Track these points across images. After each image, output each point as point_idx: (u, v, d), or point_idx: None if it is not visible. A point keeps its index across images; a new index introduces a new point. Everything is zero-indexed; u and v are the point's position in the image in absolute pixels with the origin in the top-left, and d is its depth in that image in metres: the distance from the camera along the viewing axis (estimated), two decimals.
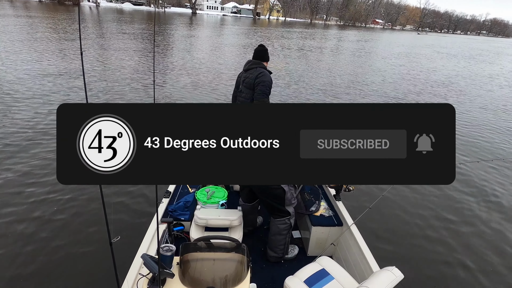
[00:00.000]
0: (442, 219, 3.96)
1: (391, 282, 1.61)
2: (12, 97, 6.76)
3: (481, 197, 4.59)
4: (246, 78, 2.87)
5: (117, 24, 27.19)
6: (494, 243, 3.59)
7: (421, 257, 3.25)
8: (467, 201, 4.43)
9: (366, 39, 38.41)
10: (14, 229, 3.06)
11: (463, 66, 20.64)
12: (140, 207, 3.55)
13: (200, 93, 8.64)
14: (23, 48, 12.30)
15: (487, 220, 4.04)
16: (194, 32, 27.77)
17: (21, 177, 3.92)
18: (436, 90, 11.99)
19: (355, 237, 2.39)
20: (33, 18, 25.29)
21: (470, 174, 5.19)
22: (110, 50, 13.87)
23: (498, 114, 9.28)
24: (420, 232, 3.65)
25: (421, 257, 3.25)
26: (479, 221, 4.00)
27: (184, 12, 69.58)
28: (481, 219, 4.04)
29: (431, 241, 3.53)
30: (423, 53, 26.82)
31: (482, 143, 6.70)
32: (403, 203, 4.21)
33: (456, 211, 4.17)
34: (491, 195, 4.65)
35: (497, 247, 3.52)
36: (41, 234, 3.03)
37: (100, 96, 7.53)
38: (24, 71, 8.91)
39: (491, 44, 58.39)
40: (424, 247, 3.42)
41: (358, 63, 17.37)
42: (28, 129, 5.28)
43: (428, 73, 15.87)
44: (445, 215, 4.05)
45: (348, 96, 9.97)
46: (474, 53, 32.69)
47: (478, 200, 4.48)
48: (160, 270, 1.47)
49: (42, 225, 3.14)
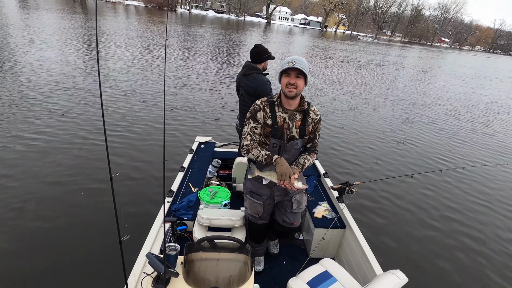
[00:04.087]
0: (448, 222, 3.95)
1: (395, 286, 1.61)
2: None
3: (498, 203, 4.56)
4: (245, 85, 2.94)
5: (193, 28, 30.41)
6: (502, 247, 3.58)
7: (426, 260, 3.24)
8: (474, 205, 4.42)
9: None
10: (24, 227, 3.07)
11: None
12: (143, 206, 3.56)
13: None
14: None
15: (497, 224, 4.02)
16: (267, 38, 31.40)
17: (32, 177, 3.93)
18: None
19: (358, 239, 2.38)
20: (133, 19, 30.51)
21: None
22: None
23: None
24: (424, 235, 3.64)
25: (426, 260, 3.24)
26: (487, 225, 3.99)
27: (260, 21, 77.13)
28: (491, 223, 4.02)
29: (436, 244, 3.52)
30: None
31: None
32: (407, 206, 4.20)
33: (462, 214, 4.16)
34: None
35: (505, 252, 3.51)
36: (51, 232, 3.04)
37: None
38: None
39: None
40: (429, 250, 3.41)
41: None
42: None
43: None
44: (451, 218, 4.04)
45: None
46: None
47: (493, 206, 4.46)
48: (165, 269, 1.47)
49: (52, 224, 3.15)
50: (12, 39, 12.33)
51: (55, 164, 4.23)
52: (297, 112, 1.89)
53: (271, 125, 1.87)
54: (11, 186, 3.67)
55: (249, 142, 1.91)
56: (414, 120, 8.63)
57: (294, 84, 1.77)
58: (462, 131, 8.24)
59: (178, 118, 6.48)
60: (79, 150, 4.67)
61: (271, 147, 1.90)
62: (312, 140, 1.99)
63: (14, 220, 3.14)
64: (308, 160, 1.96)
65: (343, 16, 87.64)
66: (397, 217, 3.95)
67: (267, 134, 1.90)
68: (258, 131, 1.91)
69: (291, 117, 1.88)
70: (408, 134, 7.31)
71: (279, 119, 1.87)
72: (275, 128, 1.87)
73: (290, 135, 1.89)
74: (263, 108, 1.88)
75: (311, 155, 2.00)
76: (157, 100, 7.34)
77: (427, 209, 4.20)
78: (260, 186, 2.06)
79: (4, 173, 3.88)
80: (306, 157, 1.97)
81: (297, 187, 1.77)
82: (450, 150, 6.57)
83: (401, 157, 5.88)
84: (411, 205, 4.23)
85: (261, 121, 1.89)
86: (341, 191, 2.90)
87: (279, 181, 1.78)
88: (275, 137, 1.88)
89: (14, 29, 15.06)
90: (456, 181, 5.09)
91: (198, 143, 3.88)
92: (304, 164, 1.93)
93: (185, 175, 3.17)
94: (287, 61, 1.80)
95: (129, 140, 5.17)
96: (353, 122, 7.67)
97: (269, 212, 2.23)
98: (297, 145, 1.93)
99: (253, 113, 1.90)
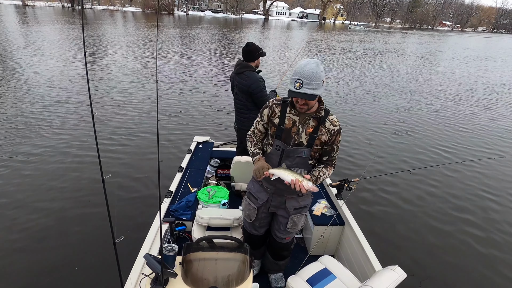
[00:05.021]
0: (447, 217, 3.95)
1: (394, 281, 1.61)
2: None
3: (497, 196, 4.56)
4: (239, 83, 2.96)
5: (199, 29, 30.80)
6: (503, 243, 3.58)
7: (424, 256, 3.25)
8: (472, 199, 4.42)
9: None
10: (18, 230, 3.07)
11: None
12: (141, 207, 3.55)
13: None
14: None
15: (498, 218, 4.02)
16: (265, 35, 31.37)
17: (26, 179, 3.93)
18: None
19: (357, 236, 2.38)
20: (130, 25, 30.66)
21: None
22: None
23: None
24: (423, 231, 3.65)
25: (424, 256, 3.25)
26: (488, 219, 3.99)
27: (257, 18, 77.64)
28: (492, 218, 4.02)
29: (435, 239, 3.52)
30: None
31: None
32: (406, 202, 4.20)
33: (462, 209, 4.16)
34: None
35: (504, 245, 3.52)
36: (46, 234, 3.04)
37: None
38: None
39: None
40: (427, 245, 3.41)
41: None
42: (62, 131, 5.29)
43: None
44: (450, 213, 4.04)
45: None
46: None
47: (494, 200, 4.46)
48: (163, 270, 1.46)
49: (47, 225, 3.15)
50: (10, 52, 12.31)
51: (49, 167, 4.23)
52: (311, 117, 1.71)
53: (277, 125, 1.74)
54: (2, 189, 3.66)
55: (249, 134, 1.91)
56: (412, 116, 8.62)
57: (305, 103, 1.62)
58: (462, 124, 8.23)
59: (175, 118, 6.47)
60: (73, 152, 4.68)
61: (274, 149, 1.78)
62: (328, 153, 1.79)
63: (9, 222, 3.14)
64: (323, 173, 1.77)
65: (340, 7, 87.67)
66: (396, 213, 3.95)
67: (272, 134, 1.79)
68: (260, 127, 1.85)
69: (303, 121, 1.71)
70: (406, 129, 7.30)
71: (287, 121, 1.72)
72: (280, 129, 1.74)
73: (298, 140, 1.72)
74: (270, 106, 1.78)
75: (328, 168, 1.81)
76: (152, 101, 7.33)
77: (426, 204, 4.20)
78: (259, 190, 1.95)
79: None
80: (322, 170, 1.78)
81: (307, 187, 1.60)
82: (449, 144, 6.57)
83: (399, 152, 5.88)
84: (410, 201, 4.23)
85: (265, 118, 1.80)
86: (339, 188, 2.88)
87: (290, 179, 1.62)
88: (279, 138, 1.75)
89: (14, 42, 14.99)
90: (455, 175, 5.09)
91: (196, 143, 3.88)
92: (318, 177, 1.75)
93: (183, 175, 3.16)
94: (294, 78, 1.56)
95: (126, 142, 5.16)
96: (350, 118, 7.66)
97: (263, 224, 2.08)
98: (303, 154, 1.74)
99: (262, 109, 1.83)
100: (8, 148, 4.61)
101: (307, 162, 1.79)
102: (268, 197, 1.94)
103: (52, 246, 2.90)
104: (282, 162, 1.76)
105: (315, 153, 1.77)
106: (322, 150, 1.78)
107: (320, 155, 1.82)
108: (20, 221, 3.19)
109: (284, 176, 1.64)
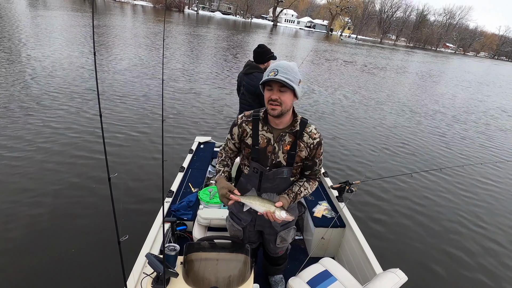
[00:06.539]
0: (447, 220, 3.95)
1: (395, 284, 1.61)
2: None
3: (499, 201, 4.56)
4: (247, 84, 2.95)
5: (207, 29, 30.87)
6: (503, 246, 3.58)
7: (426, 259, 3.25)
8: (474, 203, 4.42)
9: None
10: (22, 227, 3.07)
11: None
12: (142, 206, 3.56)
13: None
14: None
15: (498, 222, 4.02)
16: (272, 40, 31.80)
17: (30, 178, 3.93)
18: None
19: (358, 238, 2.38)
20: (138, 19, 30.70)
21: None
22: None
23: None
24: (424, 234, 3.65)
25: (425, 259, 3.25)
26: (488, 223, 3.99)
27: (266, 23, 77.94)
28: (491, 221, 4.03)
29: (436, 242, 3.52)
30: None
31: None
32: (407, 205, 4.20)
33: (462, 212, 4.16)
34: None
35: (507, 249, 3.51)
36: (49, 232, 3.04)
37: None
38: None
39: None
40: (428, 248, 3.41)
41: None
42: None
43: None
44: (451, 216, 4.04)
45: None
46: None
47: (494, 204, 4.46)
48: (165, 270, 1.47)
49: (50, 224, 3.16)
50: (17, 38, 12.34)
51: (54, 164, 4.23)
52: (286, 133, 1.53)
53: (251, 146, 1.57)
54: (8, 185, 3.67)
55: (220, 149, 1.77)
56: (415, 119, 8.63)
57: (277, 100, 1.40)
58: (463, 131, 8.24)
59: (177, 118, 6.48)
60: (78, 151, 4.67)
61: (252, 172, 1.62)
62: (310, 167, 1.63)
63: (12, 220, 3.14)
64: (305, 188, 1.62)
65: (348, 20, 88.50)
66: (397, 216, 3.95)
67: (247, 155, 1.62)
68: (230, 146, 1.69)
69: (278, 138, 1.53)
70: (408, 133, 7.31)
71: (261, 140, 1.54)
72: (255, 150, 1.56)
73: (276, 160, 1.55)
74: (240, 125, 1.59)
75: (310, 182, 1.65)
76: (156, 100, 7.34)
77: (427, 207, 4.20)
78: (241, 210, 1.73)
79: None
80: (303, 185, 1.62)
81: (279, 217, 1.43)
82: (450, 149, 6.57)
83: (400, 156, 5.88)
84: (411, 204, 4.24)
85: (236, 137, 1.63)
86: (340, 190, 2.90)
87: (262, 211, 1.46)
88: (256, 160, 1.58)
89: (22, 27, 15.03)
90: (455, 179, 5.09)
91: (198, 143, 3.89)
92: (298, 193, 1.60)
93: (184, 175, 3.17)
94: (269, 69, 1.43)
95: (129, 141, 5.17)
96: (352, 121, 7.67)
97: (254, 240, 1.95)
98: (283, 174, 1.58)
99: (231, 126, 1.65)
100: (9, 143, 4.62)
101: (289, 180, 1.64)
102: (252, 216, 1.80)
103: (52, 245, 2.90)
104: (262, 185, 1.63)
105: (296, 170, 1.63)
106: (304, 165, 1.62)
107: (302, 170, 1.66)
108: (24, 218, 3.19)
109: (255, 207, 1.48)
